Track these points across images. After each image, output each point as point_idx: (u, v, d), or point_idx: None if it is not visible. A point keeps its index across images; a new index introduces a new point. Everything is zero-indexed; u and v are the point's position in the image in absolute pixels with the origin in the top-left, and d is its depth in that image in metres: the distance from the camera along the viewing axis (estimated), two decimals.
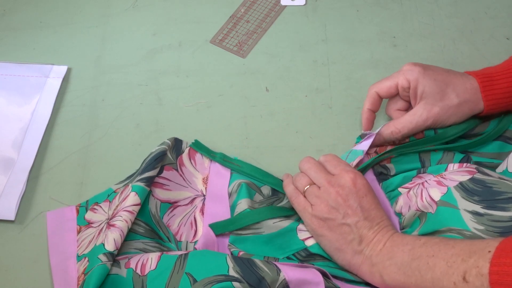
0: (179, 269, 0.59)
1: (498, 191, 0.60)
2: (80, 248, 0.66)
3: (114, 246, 0.61)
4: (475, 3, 0.88)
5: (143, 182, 0.66)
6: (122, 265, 0.61)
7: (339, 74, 0.81)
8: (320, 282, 0.59)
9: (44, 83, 0.80)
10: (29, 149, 0.75)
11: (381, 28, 0.86)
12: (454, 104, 0.68)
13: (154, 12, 0.88)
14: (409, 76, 0.69)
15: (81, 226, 0.68)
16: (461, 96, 0.68)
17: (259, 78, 0.82)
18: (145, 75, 0.82)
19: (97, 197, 0.70)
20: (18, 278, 0.66)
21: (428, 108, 0.68)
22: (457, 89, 0.68)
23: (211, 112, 0.79)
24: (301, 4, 0.88)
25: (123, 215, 0.64)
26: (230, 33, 0.86)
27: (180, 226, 0.69)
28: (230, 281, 0.57)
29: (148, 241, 0.66)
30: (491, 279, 0.50)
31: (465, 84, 0.68)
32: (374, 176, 0.71)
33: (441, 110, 0.68)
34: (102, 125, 0.78)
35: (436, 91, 0.68)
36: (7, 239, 0.69)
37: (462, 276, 0.53)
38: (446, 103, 0.68)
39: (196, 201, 0.71)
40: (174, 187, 0.70)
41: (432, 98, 0.68)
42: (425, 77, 0.68)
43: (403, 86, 0.69)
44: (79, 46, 0.85)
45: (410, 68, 0.69)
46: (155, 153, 0.69)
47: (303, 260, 0.65)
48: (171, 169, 0.70)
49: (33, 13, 0.88)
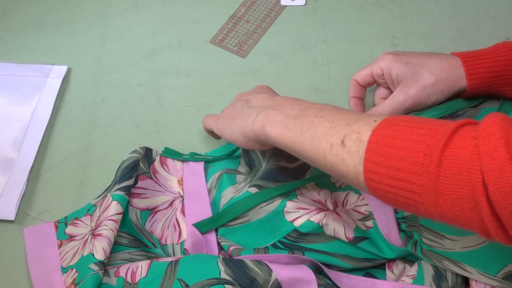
0: (170, 275, 0.59)
1: None
2: (65, 261, 0.65)
3: (103, 254, 0.61)
4: (475, 3, 0.88)
5: (122, 191, 0.66)
6: (112, 274, 0.61)
7: (339, 74, 0.81)
8: (312, 280, 0.59)
9: (44, 83, 0.80)
10: (29, 149, 0.74)
11: (381, 28, 0.86)
12: (430, 83, 0.69)
13: (154, 12, 0.88)
14: (382, 63, 0.72)
15: (62, 240, 0.67)
16: (436, 75, 0.69)
17: (259, 78, 0.82)
18: (145, 75, 0.82)
19: (77, 213, 0.70)
20: (18, 278, 0.66)
21: (405, 90, 0.70)
22: (432, 68, 0.69)
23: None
24: (301, 4, 0.89)
25: (108, 224, 0.63)
26: (230, 33, 0.86)
27: (164, 230, 0.69)
28: (222, 284, 0.57)
29: (133, 251, 0.65)
30: (368, 147, 0.49)
31: (442, 63, 0.69)
32: None
33: (418, 91, 0.69)
34: (102, 125, 0.78)
35: (410, 74, 0.70)
36: (7, 239, 0.69)
37: (341, 139, 0.51)
38: (421, 84, 0.69)
39: (175, 203, 0.71)
40: (151, 194, 0.70)
41: (407, 80, 0.70)
42: (397, 62, 0.70)
43: (377, 73, 0.72)
44: (79, 46, 0.85)
45: (383, 56, 0.72)
46: (128, 163, 0.68)
47: (295, 242, 0.65)
48: (145, 178, 0.70)
49: (33, 13, 0.88)
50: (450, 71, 0.69)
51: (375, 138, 0.49)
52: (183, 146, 0.75)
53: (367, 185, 0.49)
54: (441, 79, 0.69)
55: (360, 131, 0.50)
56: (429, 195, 0.45)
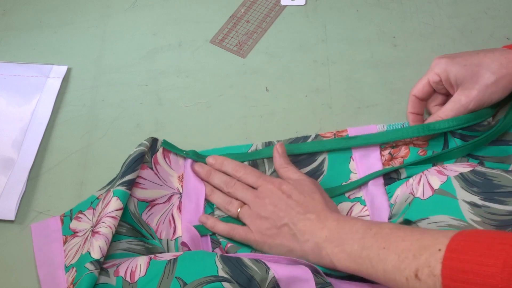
0: (169, 274, 0.59)
1: (498, 184, 0.60)
2: (68, 259, 0.65)
3: (100, 253, 0.61)
4: (475, 3, 0.88)
5: (123, 186, 0.66)
6: (111, 273, 0.61)
7: (339, 74, 0.81)
8: (310, 279, 0.59)
9: (44, 83, 0.80)
10: (29, 149, 0.74)
11: (381, 28, 0.86)
12: (491, 82, 0.68)
13: (154, 12, 0.88)
14: (438, 69, 0.70)
15: (67, 236, 0.68)
16: (497, 73, 0.68)
17: (259, 78, 0.82)
18: (145, 75, 0.82)
19: (81, 205, 0.70)
20: (18, 278, 0.66)
21: (466, 93, 0.68)
22: (491, 66, 0.68)
23: (211, 112, 0.79)
24: (301, 4, 0.88)
25: (106, 221, 0.63)
26: (230, 33, 0.86)
27: (159, 224, 0.69)
28: (220, 281, 0.57)
29: (131, 240, 0.66)
30: (444, 282, 0.51)
31: (499, 60, 0.68)
32: (382, 179, 0.71)
33: (479, 92, 0.68)
34: (102, 125, 0.78)
35: (469, 76, 0.68)
36: (7, 239, 0.69)
37: (414, 273, 0.53)
38: (482, 84, 0.68)
39: (173, 198, 0.71)
40: (149, 185, 0.70)
41: (468, 83, 0.68)
42: (453, 65, 0.69)
43: (434, 81, 0.71)
44: (79, 46, 0.85)
45: (437, 62, 0.70)
46: (134, 155, 0.68)
47: None
48: (146, 167, 0.70)
49: (33, 13, 0.88)
50: (509, 66, 0.68)
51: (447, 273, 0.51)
52: (183, 146, 0.75)
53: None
54: (502, 76, 0.68)
55: (430, 265, 0.52)
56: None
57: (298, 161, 0.72)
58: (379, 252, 0.56)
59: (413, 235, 0.56)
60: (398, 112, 0.77)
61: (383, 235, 0.57)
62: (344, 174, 0.72)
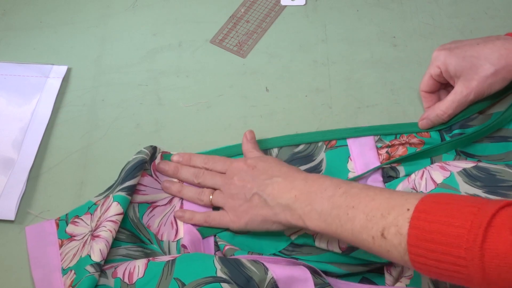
0: (167, 275, 0.59)
1: (501, 179, 0.60)
2: (65, 262, 0.65)
3: (100, 256, 0.61)
4: (475, 3, 0.88)
5: (124, 192, 0.66)
6: (109, 275, 0.61)
7: (339, 74, 0.81)
8: (309, 279, 0.59)
9: (44, 83, 0.80)
10: (29, 149, 0.75)
11: (381, 28, 0.86)
12: (491, 73, 0.68)
13: (154, 12, 0.88)
14: (437, 62, 0.71)
15: (63, 240, 0.67)
16: (496, 64, 0.68)
17: (259, 78, 0.82)
18: (145, 75, 0.82)
19: (77, 210, 0.69)
20: (18, 278, 0.66)
21: (466, 84, 0.69)
22: (490, 58, 0.68)
23: (211, 112, 0.79)
24: (301, 4, 0.88)
25: (107, 225, 0.63)
26: (230, 33, 0.86)
27: (160, 226, 0.69)
28: (219, 282, 0.57)
29: (130, 246, 0.66)
30: (409, 240, 0.51)
31: (499, 51, 0.68)
32: (381, 177, 0.71)
33: (479, 82, 0.68)
34: (102, 125, 0.78)
35: (468, 67, 0.68)
36: (7, 239, 0.69)
37: (380, 232, 0.53)
38: (481, 75, 0.68)
39: (174, 200, 0.71)
40: (150, 191, 0.70)
41: (467, 74, 0.69)
42: (452, 57, 0.69)
43: (436, 73, 0.71)
44: (79, 46, 0.85)
45: (436, 54, 0.71)
46: (134, 162, 0.68)
47: (290, 255, 0.66)
48: (146, 175, 0.70)
49: (33, 13, 0.88)
50: (509, 57, 0.68)
51: (413, 232, 0.50)
52: (183, 146, 0.75)
53: (415, 268, 0.52)
54: (502, 67, 0.68)
55: (398, 224, 0.52)
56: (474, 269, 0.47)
57: (296, 159, 0.72)
58: (347, 211, 0.56)
59: (382, 194, 0.56)
60: (398, 112, 0.77)
61: (352, 194, 0.57)
62: (342, 174, 0.72)
